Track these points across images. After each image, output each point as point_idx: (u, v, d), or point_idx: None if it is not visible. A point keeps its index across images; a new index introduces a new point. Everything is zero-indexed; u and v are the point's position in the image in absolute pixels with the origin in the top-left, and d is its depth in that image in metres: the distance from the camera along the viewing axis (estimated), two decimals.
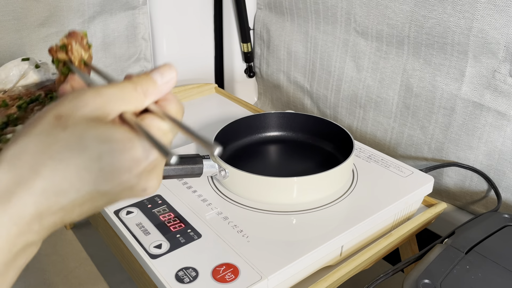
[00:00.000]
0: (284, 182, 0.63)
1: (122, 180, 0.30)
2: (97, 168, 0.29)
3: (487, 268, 0.55)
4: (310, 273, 0.59)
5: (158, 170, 0.32)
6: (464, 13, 0.66)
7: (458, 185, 0.79)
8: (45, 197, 0.28)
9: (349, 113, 0.93)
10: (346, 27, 0.86)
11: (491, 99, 0.69)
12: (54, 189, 0.28)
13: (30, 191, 0.28)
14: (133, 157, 0.30)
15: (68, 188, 0.29)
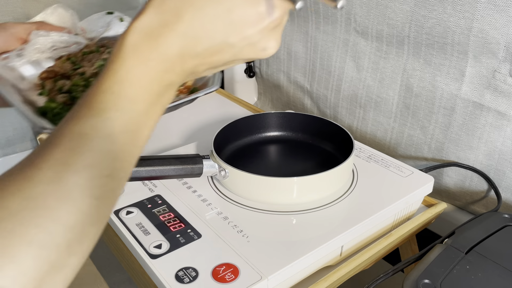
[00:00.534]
0: (284, 182, 0.63)
1: (247, 34, 0.33)
2: (228, 19, 0.32)
3: (487, 268, 0.55)
4: (310, 273, 0.59)
5: (278, 31, 0.35)
6: (464, 13, 0.66)
7: (458, 185, 0.79)
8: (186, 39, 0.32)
9: (349, 113, 0.93)
10: (346, 27, 0.86)
11: (491, 99, 0.69)
12: (193, 34, 0.32)
13: (174, 33, 0.32)
14: (258, 12, 0.33)
15: (204, 35, 0.33)
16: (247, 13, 0.33)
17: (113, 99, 0.31)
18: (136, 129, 0.32)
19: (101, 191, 0.30)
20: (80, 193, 0.28)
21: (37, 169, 0.28)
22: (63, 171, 0.28)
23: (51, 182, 0.28)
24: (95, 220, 0.29)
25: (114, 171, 0.31)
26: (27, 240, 0.26)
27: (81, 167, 0.29)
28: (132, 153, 0.33)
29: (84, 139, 0.30)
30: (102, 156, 0.30)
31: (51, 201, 0.27)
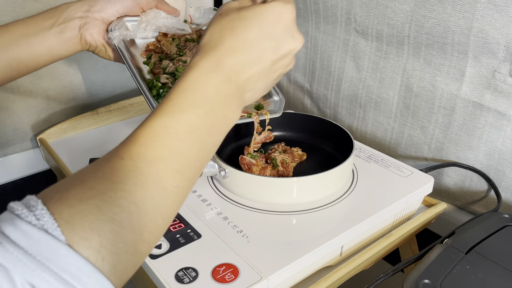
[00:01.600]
0: (284, 182, 0.63)
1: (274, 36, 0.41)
2: (258, 34, 0.41)
3: (487, 268, 0.55)
4: (310, 273, 0.59)
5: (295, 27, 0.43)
6: (464, 13, 0.66)
7: (458, 185, 0.79)
8: (230, 54, 0.40)
9: (349, 113, 0.93)
10: (346, 27, 0.86)
11: (491, 99, 0.69)
12: (235, 48, 0.40)
13: (221, 51, 0.40)
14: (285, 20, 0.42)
15: (243, 47, 0.40)
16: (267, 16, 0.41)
17: (180, 104, 0.37)
18: (200, 131, 0.37)
19: (170, 184, 0.35)
20: (153, 182, 0.34)
21: (120, 158, 0.34)
22: (139, 161, 0.34)
23: (130, 171, 0.33)
24: (163, 211, 0.34)
25: (181, 168, 0.36)
26: (110, 216, 0.31)
27: (154, 159, 0.34)
28: (197, 155, 0.37)
29: (157, 136, 0.35)
30: (170, 151, 0.35)
31: (130, 185, 0.33)
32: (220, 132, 0.40)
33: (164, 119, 0.36)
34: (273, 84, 0.46)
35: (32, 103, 0.98)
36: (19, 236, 0.28)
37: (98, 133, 0.99)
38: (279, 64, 0.44)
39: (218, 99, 0.39)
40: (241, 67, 0.40)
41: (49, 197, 0.31)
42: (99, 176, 0.33)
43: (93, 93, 1.06)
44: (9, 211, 0.30)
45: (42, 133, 0.96)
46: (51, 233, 0.28)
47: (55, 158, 0.88)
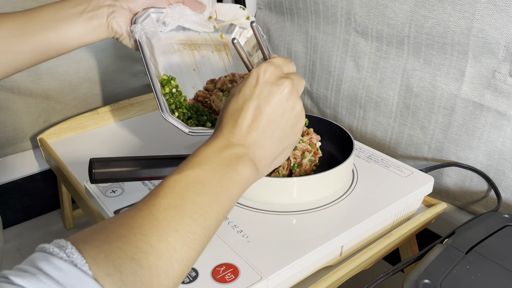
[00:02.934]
0: (284, 182, 0.63)
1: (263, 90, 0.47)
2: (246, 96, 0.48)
3: (487, 268, 0.55)
4: (310, 273, 0.59)
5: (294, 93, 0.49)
6: (464, 13, 0.66)
7: (458, 185, 0.79)
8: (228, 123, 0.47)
9: (349, 113, 0.93)
10: (346, 27, 0.86)
11: (491, 99, 0.69)
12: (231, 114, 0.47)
13: (222, 124, 0.47)
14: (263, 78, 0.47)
15: (237, 111, 0.47)
16: (247, 83, 0.48)
17: (187, 164, 0.43)
18: (209, 182, 0.42)
19: (184, 229, 0.38)
20: (166, 225, 0.37)
21: (139, 210, 0.38)
22: (154, 209, 0.38)
23: (146, 218, 0.37)
24: (179, 255, 0.37)
25: (194, 214, 0.39)
26: (130, 256, 0.34)
27: (167, 206, 0.39)
28: (210, 204, 0.41)
29: (169, 189, 0.40)
30: (182, 199, 0.40)
31: (147, 230, 0.36)
32: (235, 183, 0.44)
33: (175, 176, 0.41)
34: (291, 133, 0.50)
35: (32, 103, 0.98)
36: (51, 270, 0.31)
37: (98, 133, 0.99)
38: (277, 113, 0.47)
39: (222, 158, 0.44)
40: (238, 132, 0.46)
41: (77, 240, 0.34)
42: (120, 223, 0.37)
43: (93, 93, 1.06)
44: (40, 251, 0.33)
45: (42, 133, 0.96)
46: (80, 267, 0.31)
47: (55, 158, 0.88)
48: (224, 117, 0.47)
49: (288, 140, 0.49)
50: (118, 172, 0.59)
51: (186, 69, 0.70)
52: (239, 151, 0.45)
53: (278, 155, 0.49)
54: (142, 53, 0.64)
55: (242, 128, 0.46)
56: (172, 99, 0.64)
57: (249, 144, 0.46)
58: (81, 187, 0.77)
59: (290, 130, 0.49)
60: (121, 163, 0.60)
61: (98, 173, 0.59)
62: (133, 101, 1.06)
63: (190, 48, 0.72)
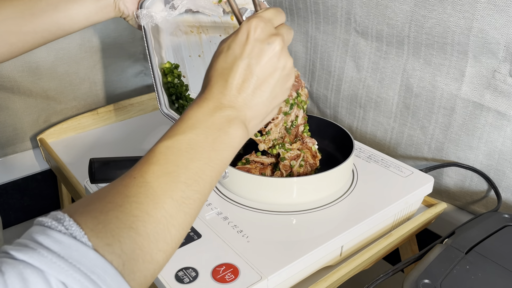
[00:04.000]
0: (283, 182, 0.63)
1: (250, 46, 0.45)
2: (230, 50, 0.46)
3: (487, 268, 0.55)
4: (310, 273, 0.59)
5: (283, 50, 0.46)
6: (464, 13, 0.66)
7: (458, 185, 0.79)
8: (216, 79, 0.45)
9: (349, 113, 0.93)
10: (346, 27, 0.86)
11: (491, 99, 0.69)
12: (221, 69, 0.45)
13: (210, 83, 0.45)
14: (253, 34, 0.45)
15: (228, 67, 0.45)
16: (237, 40, 0.45)
17: (178, 128, 0.42)
18: (201, 147, 0.41)
19: (179, 195, 0.38)
20: (161, 193, 0.38)
21: (132, 178, 0.38)
22: (148, 177, 0.38)
23: (141, 186, 0.37)
24: (175, 221, 0.38)
25: (188, 179, 0.39)
26: (127, 225, 0.35)
27: (161, 173, 0.38)
28: (203, 168, 0.41)
29: (162, 155, 0.40)
30: (176, 165, 0.39)
31: (142, 198, 0.37)
32: (227, 146, 0.43)
33: (167, 142, 0.41)
34: (281, 91, 0.48)
35: (32, 103, 0.98)
36: (51, 243, 0.31)
37: (98, 133, 0.99)
38: (267, 73, 0.46)
39: (214, 121, 0.43)
40: (228, 93, 0.45)
41: (74, 211, 0.34)
42: (115, 192, 0.37)
43: (93, 93, 1.06)
44: (38, 225, 0.33)
45: (42, 133, 0.96)
46: (79, 239, 0.32)
47: (55, 158, 0.88)
48: (213, 75, 0.46)
49: (278, 100, 0.48)
50: (118, 172, 0.59)
51: (191, 55, 0.70)
52: (230, 113, 0.44)
53: (267, 115, 0.48)
54: (146, 41, 0.63)
55: (233, 88, 0.45)
56: (173, 89, 0.64)
57: (239, 105, 0.45)
58: (81, 187, 0.77)
59: (280, 89, 0.47)
60: (121, 163, 0.60)
61: (98, 173, 0.59)
62: (133, 101, 1.06)
63: (198, 31, 0.71)
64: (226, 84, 0.45)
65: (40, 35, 0.62)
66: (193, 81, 0.67)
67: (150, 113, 1.08)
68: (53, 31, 0.62)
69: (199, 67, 0.69)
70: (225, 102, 0.44)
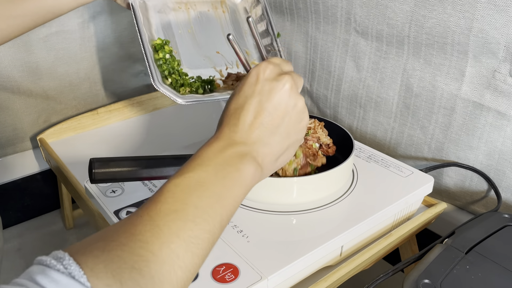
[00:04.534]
0: (283, 182, 0.63)
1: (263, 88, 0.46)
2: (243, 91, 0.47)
3: (487, 268, 0.55)
4: (310, 273, 0.59)
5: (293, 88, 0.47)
6: (464, 13, 0.66)
7: (458, 185, 0.79)
8: (229, 122, 0.46)
9: (349, 113, 0.93)
10: (346, 27, 0.86)
11: (491, 99, 0.69)
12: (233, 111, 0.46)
13: (223, 125, 0.46)
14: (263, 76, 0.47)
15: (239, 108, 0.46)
16: (247, 82, 0.47)
17: (188, 166, 0.42)
18: (211, 184, 0.40)
19: (186, 234, 0.37)
20: (168, 232, 0.36)
21: (139, 216, 0.37)
22: (155, 216, 0.37)
23: (147, 224, 0.36)
24: (182, 262, 0.36)
25: (196, 218, 0.38)
26: (130, 265, 0.33)
27: (168, 211, 0.37)
28: (213, 207, 0.40)
29: (170, 193, 0.39)
30: (184, 204, 0.38)
31: (148, 237, 0.35)
32: (238, 183, 0.42)
33: (175, 180, 0.40)
34: (294, 130, 0.48)
35: (32, 103, 0.98)
36: (48, 283, 0.30)
37: (98, 133, 0.99)
38: (279, 110, 0.46)
39: (224, 158, 0.42)
40: (239, 129, 0.45)
41: (75, 250, 0.33)
42: (121, 231, 0.36)
43: (93, 93, 1.06)
44: (38, 264, 0.32)
45: (42, 133, 0.96)
46: (77, 279, 0.30)
47: (55, 158, 0.88)
48: (225, 116, 0.46)
49: (292, 138, 0.48)
50: (118, 172, 0.59)
51: (180, 31, 0.69)
52: (241, 149, 0.44)
53: (282, 154, 0.48)
54: (135, 17, 0.63)
55: (245, 125, 0.45)
56: (166, 65, 0.63)
57: (251, 141, 0.45)
58: (81, 187, 0.77)
59: (294, 127, 0.48)
60: (121, 163, 0.60)
61: (98, 173, 0.59)
62: (133, 101, 1.06)
63: (186, 7, 0.70)
64: (238, 122, 0.45)
65: (30, 18, 0.61)
66: (184, 57, 0.67)
67: (150, 113, 1.08)
68: (42, 14, 0.62)
69: (189, 43, 0.69)
70: (236, 139, 0.44)
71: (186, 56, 0.68)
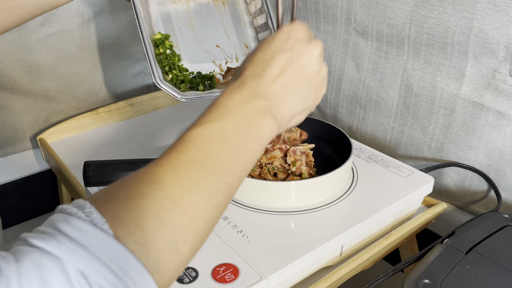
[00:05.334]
0: (281, 186, 0.63)
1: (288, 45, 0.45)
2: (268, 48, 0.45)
3: (487, 268, 0.55)
4: (310, 273, 0.59)
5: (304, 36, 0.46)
6: (464, 13, 0.66)
7: (458, 185, 0.79)
8: (252, 72, 0.44)
9: (349, 113, 0.93)
10: (346, 27, 0.86)
11: (491, 99, 0.69)
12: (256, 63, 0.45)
13: (245, 77, 0.44)
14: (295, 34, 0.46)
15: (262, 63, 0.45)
16: (278, 37, 0.46)
17: (209, 115, 0.41)
18: (231, 137, 0.40)
19: (206, 185, 0.37)
20: (189, 182, 0.36)
21: (159, 165, 0.37)
22: (176, 165, 0.37)
23: (168, 173, 0.36)
24: (202, 213, 0.36)
25: (216, 170, 0.38)
26: (152, 213, 0.33)
27: (189, 162, 0.37)
28: (232, 160, 0.40)
29: (191, 143, 0.39)
30: (205, 155, 0.38)
31: (169, 186, 0.35)
32: (256, 139, 0.42)
33: (197, 129, 0.40)
34: (314, 95, 0.48)
35: (32, 103, 0.98)
36: (70, 230, 0.30)
37: (98, 133, 0.99)
38: (305, 71, 0.46)
39: (246, 110, 0.42)
40: (264, 82, 0.44)
41: (96, 199, 0.33)
42: (141, 179, 0.35)
43: (93, 93, 1.06)
44: (59, 212, 0.32)
45: (42, 133, 0.96)
46: (100, 227, 0.30)
47: (55, 158, 0.88)
48: (249, 65, 0.45)
49: (309, 102, 0.48)
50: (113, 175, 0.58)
51: (180, 24, 0.69)
52: (263, 103, 0.43)
53: (297, 114, 0.47)
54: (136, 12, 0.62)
55: (269, 78, 0.44)
56: (166, 60, 0.63)
57: (274, 96, 0.44)
58: (81, 188, 0.77)
59: (314, 92, 0.47)
60: (116, 166, 0.59)
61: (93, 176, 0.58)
62: (133, 101, 1.06)
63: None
64: (264, 74, 0.44)
65: (26, 10, 0.60)
66: (185, 51, 0.67)
67: (150, 113, 1.08)
68: (39, 5, 0.61)
69: (189, 36, 0.69)
70: (259, 92, 0.43)
71: (186, 50, 0.68)
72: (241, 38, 0.74)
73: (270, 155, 0.69)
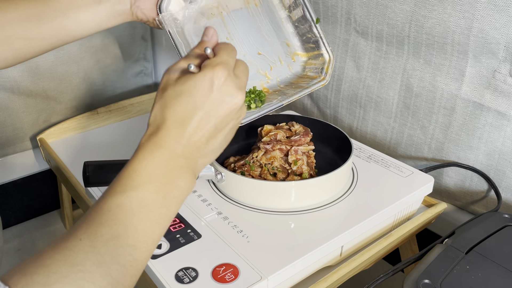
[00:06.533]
0: (281, 186, 0.63)
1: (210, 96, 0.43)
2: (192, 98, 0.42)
3: (487, 268, 0.55)
4: (310, 273, 0.59)
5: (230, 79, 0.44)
6: (464, 13, 0.66)
7: (458, 185, 0.79)
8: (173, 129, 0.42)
9: (349, 113, 0.93)
10: (346, 27, 0.86)
11: (491, 99, 0.69)
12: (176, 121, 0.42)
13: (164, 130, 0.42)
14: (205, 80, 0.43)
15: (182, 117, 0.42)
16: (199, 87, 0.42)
17: (130, 182, 0.40)
18: (152, 205, 0.40)
19: (126, 259, 0.37)
20: (109, 259, 0.36)
21: (78, 239, 0.36)
22: (96, 241, 0.36)
23: (88, 251, 0.35)
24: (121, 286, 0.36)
25: (136, 242, 0.38)
26: None
27: (110, 237, 0.36)
28: (152, 228, 0.39)
29: (111, 214, 0.38)
30: (125, 227, 0.37)
31: (89, 266, 0.35)
32: (176, 200, 0.42)
33: (117, 198, 0.39)
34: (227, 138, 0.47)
35: (32, 103, 0.98)
36: None
37: (98, 133, 0.99)
38: (224, 124, 0.45)
39: (166, 174, 0.41)
40: (184, 140, 0.42)
41: (15, 283, 0.32)
42: (60, 259, 0.34)
43: (93, 93, 1.06)
44: None
45: (42, 133, 0.96)
46: None
47: (55, 158, 0.88)
48: (170, 118, 0.43)
49: (227, 142, 0.48)
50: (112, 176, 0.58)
51: None
52: (182, 163, 0.42)
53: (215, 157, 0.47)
54: (176, 46, 0.61)
55: (190, 138, 0.43)
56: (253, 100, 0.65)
57: (192, 154, 0.43)
58: (81, 187, 0.77)
59: (230, 133, 0.47)
60: (115, 166, 0.59)
61: (92, 176, 0.58)
62: (133, 101, 1.06)
63: (218, 10, 0.68)
64: (184, 134, 0.42)
65: (48, 41, 0.58)
66: None
67: None
68: (61, 37, 0.59)
69: None
70: (179, 152, 0.42)
71: None
72: (280, 38, 0.72)
73: (270, 156, 0.69)
